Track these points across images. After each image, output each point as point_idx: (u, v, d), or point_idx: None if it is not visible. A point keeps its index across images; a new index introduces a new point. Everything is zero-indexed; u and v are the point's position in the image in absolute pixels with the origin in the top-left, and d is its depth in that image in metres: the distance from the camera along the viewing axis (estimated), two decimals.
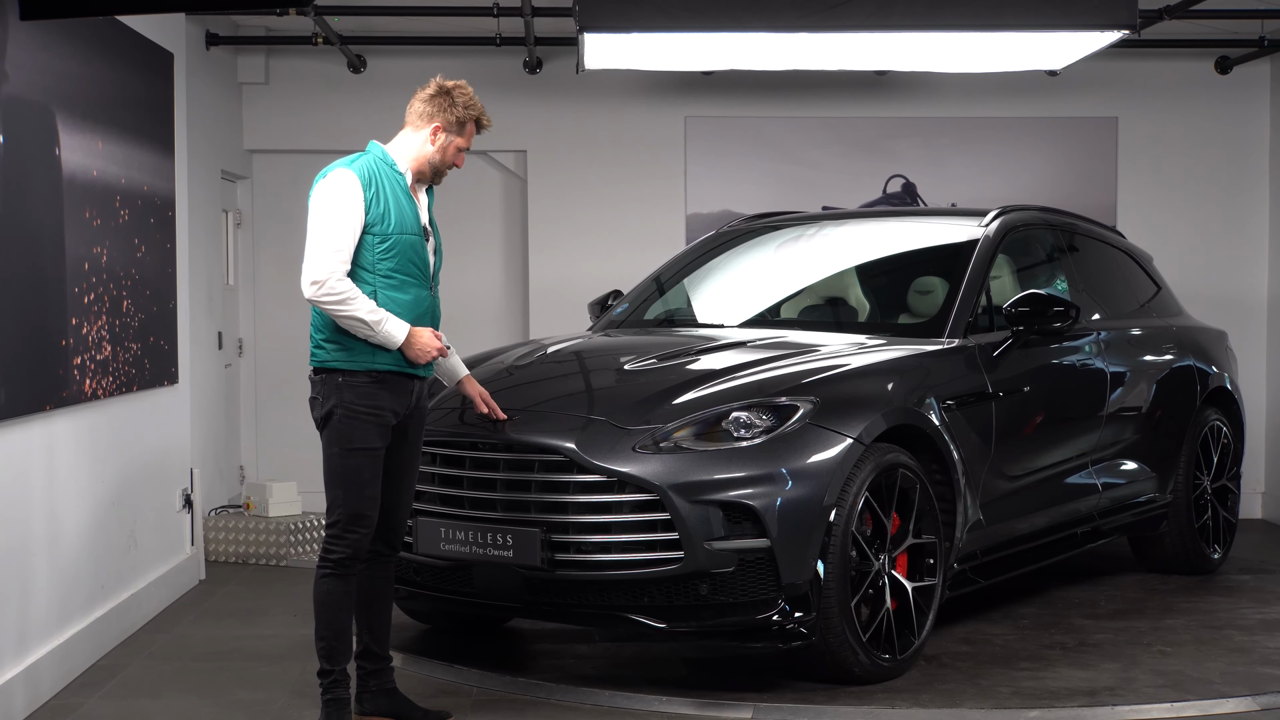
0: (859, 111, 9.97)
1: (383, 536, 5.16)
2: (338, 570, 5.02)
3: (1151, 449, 7.58)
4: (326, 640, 5.04)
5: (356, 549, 5.01)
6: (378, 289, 4.98)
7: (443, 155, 5.17)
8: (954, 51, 7.94)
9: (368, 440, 4.98)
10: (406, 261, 5.02)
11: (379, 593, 5.23)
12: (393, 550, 5.24)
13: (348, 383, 4.98)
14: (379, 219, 4.97)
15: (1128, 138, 10.05)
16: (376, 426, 4.99)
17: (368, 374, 4.97)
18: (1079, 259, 7.68)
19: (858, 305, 7.12)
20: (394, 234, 4.98)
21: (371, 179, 5.01)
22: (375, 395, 4.97)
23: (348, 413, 4.97)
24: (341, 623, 5.05)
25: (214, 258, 9.13)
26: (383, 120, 9.84)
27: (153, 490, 7.10)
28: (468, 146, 5.26)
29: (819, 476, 5.49)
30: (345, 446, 4.98)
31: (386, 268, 4.99)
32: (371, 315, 4.91)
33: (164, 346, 7.16)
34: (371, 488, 5.01)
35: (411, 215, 5.06)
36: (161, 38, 7.23)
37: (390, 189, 5.03)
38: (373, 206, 4.97)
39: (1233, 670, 5.99)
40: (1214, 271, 10.07)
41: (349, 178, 4.98)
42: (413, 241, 5.04)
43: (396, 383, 5.02)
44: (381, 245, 4.97)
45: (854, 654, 5.57)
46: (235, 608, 7.30)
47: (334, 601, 5.03)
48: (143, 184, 6.83)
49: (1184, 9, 8.33)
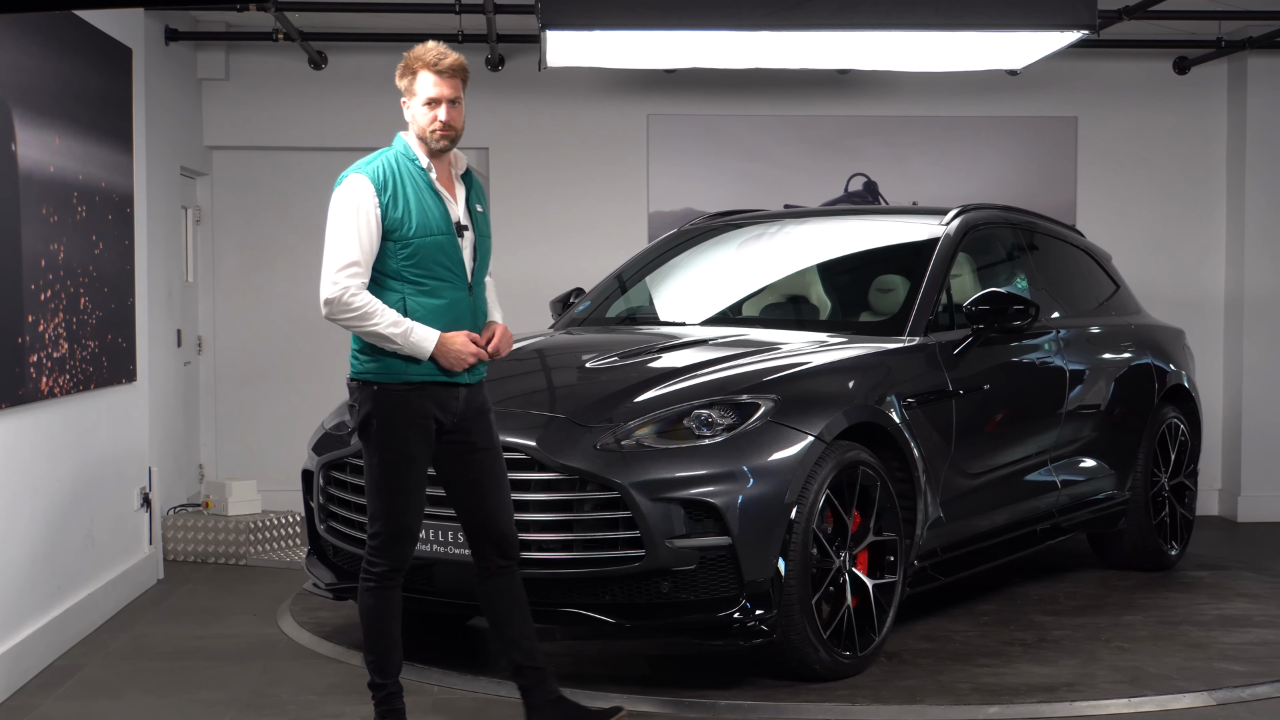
0: (821, 110, 10.00)
1: (493, 549, 4.89)
2: (381, 584, 4.78)
3: (1110, 446, 7.63)
4: (376, 654, 4.81)
5: (398, 562, 4.78)
6: (406, 296, 4.69)
7: (418, 124, 4.80)
8: (915, 51, 7.96)
9: (406, 451, 4.71)
10: (434, 264, 4.70)
11: (511, 606, 4.92)
12: (508, 560, 4.91)
13: (383, 392, 4.70)
14: (398, 223, 4.67)
15: (1087, 137, 10.11)
16: (416, 436, 4.71)
17: (404, 384, 4.69)
18: (1039, 257, 7.72)
19: (819, 303, 7.14)
20: (416, 237, 4.67)
21: (388, 180, 4.71)
22: (413, 405, 4.70)
23: (384, 423, 4.70)
24: (389, 636, 4.81)
25: (173, 255, 9.07)
26: (344, 117, 9.86)
27: (110, 489, 7.05)
28: (437, 97, 4.76)
29: (780, 474, 5.49)
30: (384, 458, 4.71)
31: (414, 274, 4.69)
32: (394, 328, 4.63)
33: (122, 344, 7.11)
34: (413, 499, 4.75)
35: (438, 213, 4.73)
36: (120, 33, 7.18)
37: (412, 186, 4.73)
38: (389, 210, 4.68)
39: (1190, 666, 6.04)
40: (1172, 270, 10.14)
41: (361, 183, 4.70)
42: (439, 242, 4.70)
43: (437, 391, 4.73)
44: (404, 251, 4.67)
45: (815, 651, 5.58)
46: (194, 607, 7.26)
47: (379, 615, 4.79)
48: (101, 180, 6.78)
49: (1143, 10, 8.38)
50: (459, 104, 4.81)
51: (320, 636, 6.52)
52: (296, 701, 5.56)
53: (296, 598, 7.28)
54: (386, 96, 9.80)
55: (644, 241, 9.51)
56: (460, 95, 4.82)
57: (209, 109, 9.78)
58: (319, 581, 6.28)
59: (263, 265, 9.95)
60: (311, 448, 6.35)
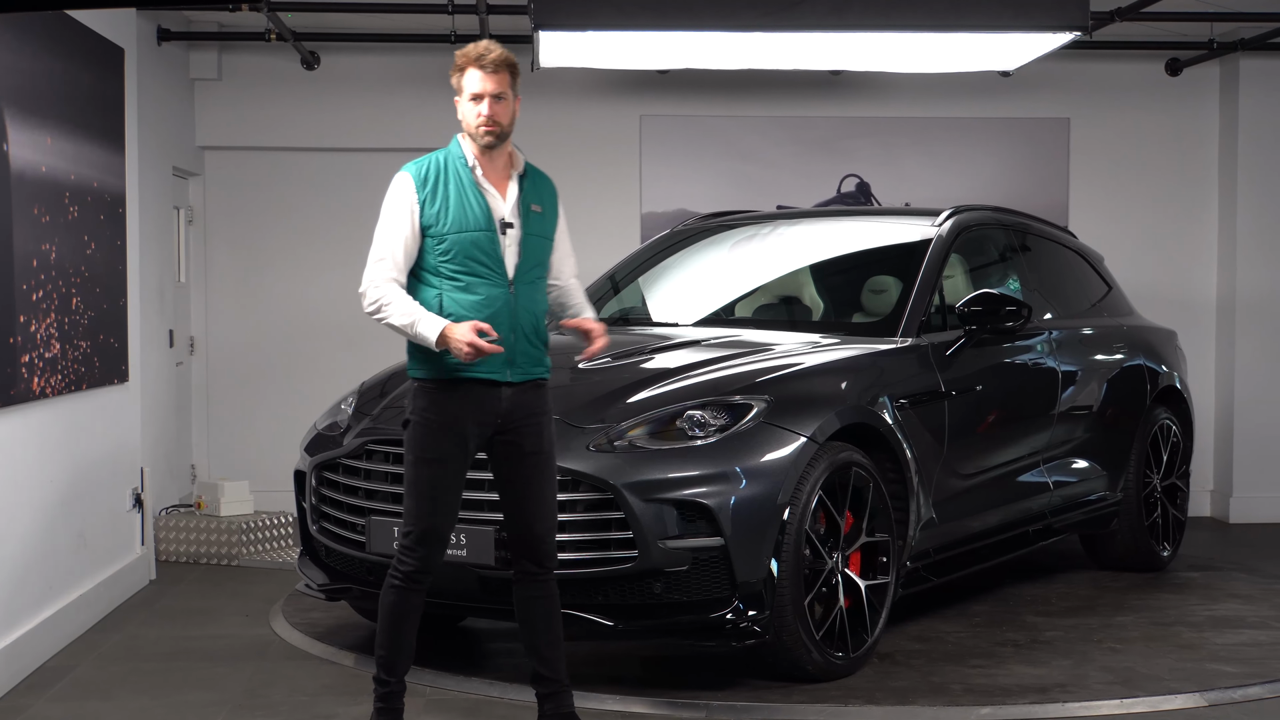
0: (814, 111, 10.00)
1: (526, 554, 4.85)
2: (405, 583, 4.79)
3: (1102, 447, 7.64)
4: (386, 651, 4.83)
5: (426, 563, 4.77)
6: (443, 292, 4.71)
7: (465, 120, 4.79)
8: (908, 52, 7.97)
9: (440, 450, 4.72)
10: (471, 261, 4.70)
11: (538, 612, 4.88)
12: (541, 568, 4.86)
13: (422, 389, 4.75)
14: (434, 219, 4.71)
15: (1079, 138, 10.12)
16: (450, 436, 4.71)
17: (436, 382, 4.72)
18: (1031, 259, 7.73)
19: (812, 304, 7.14)
20: (451, 233, 4.69)
21: (430, 177, 4.76)
22: (449, 404, 4.71)
23: (420, 420, 4.74)
24: (403, 636, 4.83)
25: (165, 255, 9.06)
26: (336, 117, 9.85)
27: (102, 489, 7.04)
28: (480, 92, 4.73)
29: (773, 475, 5.50)
30: (418, 456, 4.73)
31: (449, 269, 4.71)
32: (403, 319, 4.66)
33: (114, 344, 7.10)
34: (444, 501, 4.74)
35: (478, 210, 4.72)
36: (112, 33, 7.17)
37: (455, 183, 4.75)
38: (427, 206, 4.72)
39: (1182, 667, 6.04)
40: (1164, 271, 10.15)
41: (403, 180, 4.78)
42: (475, 238, 4.70)
43: (474, 390, 4.71)
44: (439, 246, 4.70)
45: (808, 652, 5.58)
46: (187, 608, 7.25)
47: (397, 614, 4.81)
48: (93, 180, 6.77)
49: (1135, 11, 8.39)
50: (505, 99, 4.78)
51: (312, 637, 6.51)
52: (289, 702, 5.55)
53: (289, 599, 7.27)
54: (379, 97, 9.86)
55: (637, 242, 9.50)
56: (506, 91, 4.79)
57: (201, 109, 9.76)
58: (311, 582, 6.27)
59: (255, 266, 9.94)
60: (304, 448, 6.35)
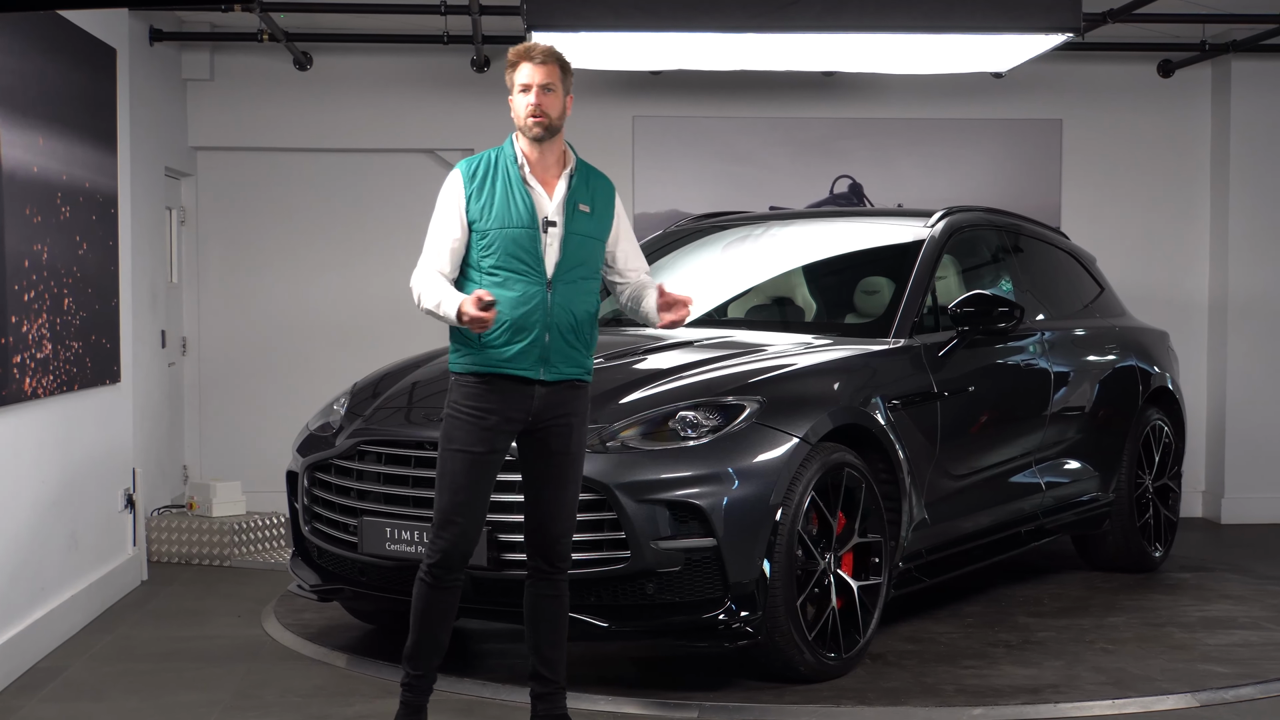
0: (807, 112, 10.00)
1: (541, 553, 4.88)
2: (429, 576, 4.80)
3: (1095, 448, 7.65)
4: (411, 644, 4.85)
5: (447, 556, 4.76)
6: (483, 287, 4.75)
7: (516, 113, 4.84)
8: (901, 53, 7.97)
9: (466, 442, 4.75)
10: (510, 257, 4.74)
11: (546, 612, 4.91)
12: (554, 568, 4.89)
13: (457, 382, 4.82)
14: (479, 214, 4.77)
15: (1072, 139, 10.13)
16: (478, 429, 4.75)
17: (473, 375, 4.78)
18: (1024, 260, 7.73)
19: (804, 305, 7.15)
20: (494, 229, 4.75)
21: (479, 172, 4.81)
22: (481, 397, 4.75)
23: (452, 412, 4.80)
24: (430, 631, 4.82)
25: (157, 255, 9.05)
26: (329, 118, 9.85)
27: (94, 490, 7.03)
28: (529, 83, 4.79)
29: (765, 476, 5.50)
30: (446, 446, 4.80)
31: (489, 264, 4.76)
32: (430, 301, 4.74)
33: (106, 345, 7.09)
34: (467, 493, 4.76)
35: (523, 207, 4.77)
36: (104, 33, 7.16)
37: (503, 180, 4.79)
38: (473, 201, 4.78)
39: (1173, 667, 6.05)
40: (1156, 272, 10.16)
41: (453, 176, 4.85)
42: (516, 235, 4.74)
43: (508, 386, 4.76)
44: (482, 241, 4.77)
45: (800, 653, 5.59)
46: (179, 608, 7.24)
47: (424, 608, 4.82)
48: (85, 180, 6.76)
49: (1127, 12, 8.41)
50: (553, 91, 4.81)
51: (304, 638, 6.50)
52: (281, 703, 5.55)
53: (281, 599, 7.27)
54: (372, 98, 9.86)
55: None
56: (555, 83, 4.81)
57: (194, 109, 9.76)
58: (303, 583, 6.27)
59: (247, 266, 9.93)
60: (296, 449, 6.34)
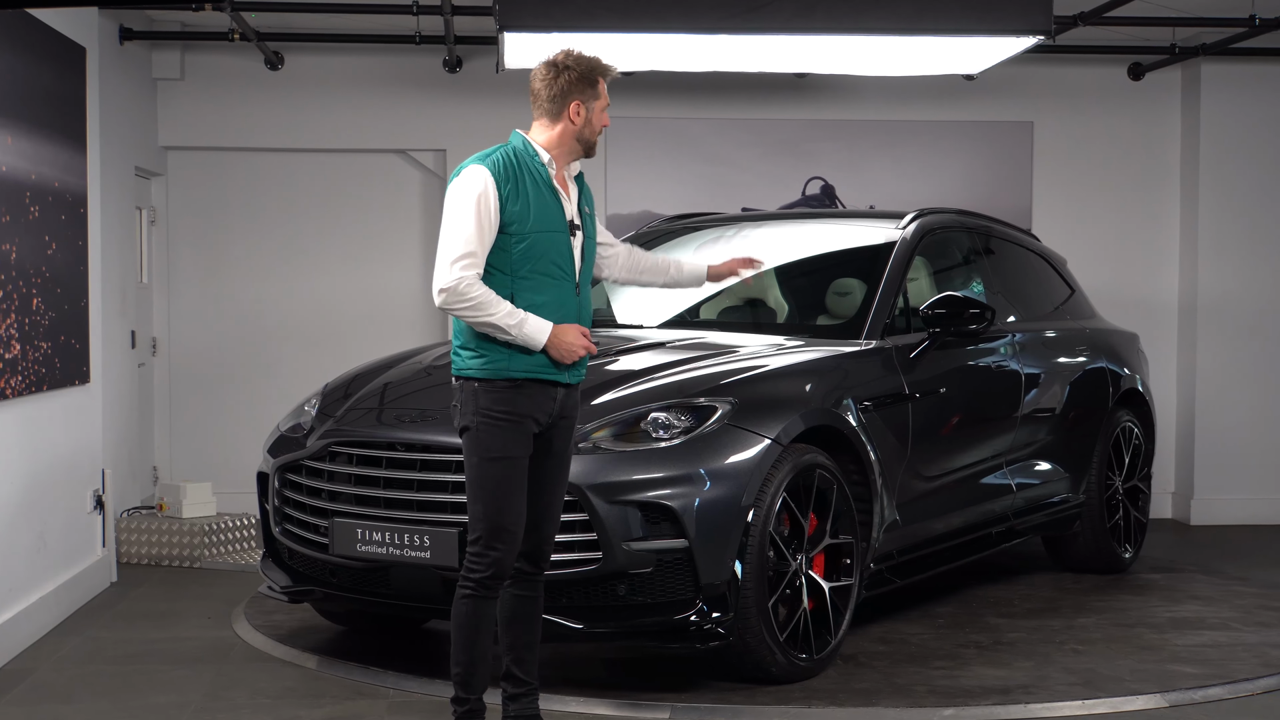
0: (779, 113, 10.02)
1: (526, 554, 4.81)
2: (478, 591, 4.68)
3: (1065, 450, 7.68)
4: (463, 666, 4.72)
5: (499, 567, 4.67)
6: (515, 291, 4.65)
7: (592, 127, 4.83)
8: (873, 55, 7.99)
9: (508, 449, 4.65)
10: (547, 261, 4.68)
11: (524, 613, 4.88)
12: (537, 569, 4.86)
13: (485, 389, 4.66)
14: (516, 217, 4.64)
15: (1043, 142, 10.17)
16: (517, 434, 4.66)
17: (506, 380, 4.66)
18: (995, 261, 7.76)
19: (776, 306, 7.15)
20: (533, 232, 4.65)
21: (510, 172, 4.69)
22: (514, 401, 4.66)
23: (485, 420, 4.65)
24: (479, 648, 4.71)
25: (128, 255, 9.01)
26: (300, 118, 9.82)
27: (63, 491, 6.99)
28: (608, 104, 4.87)
29: (737, 477, 5.50)
30: (485, 456, 4.65)
31: (526, 269, 4.65)
32: (509, 319, 4.58)
33: (75, 345, 7.05)
34: (514, 500, 4.67)
35: (555, 210, 4.72)
36: (74, 32, 7.12)
37: (532, 181, 4.70)
38: (509, 203, 4.64)
39: (1143, 668, 6.08)
40: (1126, 274, 10.21)
41: (482, 174, 4.66)
42: (554, 239, 4.69)
43: (537, 389, 4.69)
44: (520, 245, 4.64)
45: (771, 654, 5.59)
46: (148, 610, 7.21)
47: (472, 625, 4.69)
48: (54, 180, 6.73)
49: (1098, 15, 8.44)
50: None
51: (275, 639, 6.48)
52: (251, 705, 5.53)
53: (251, 601, 7.24)
54: (343, 98, 9.83)
55: None
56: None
57: (164, 109, 9.71)
58: (274, 584, 6.24)
59: (218, 266, 9.90)
60: (267, 450, 6.32)
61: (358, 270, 9.87)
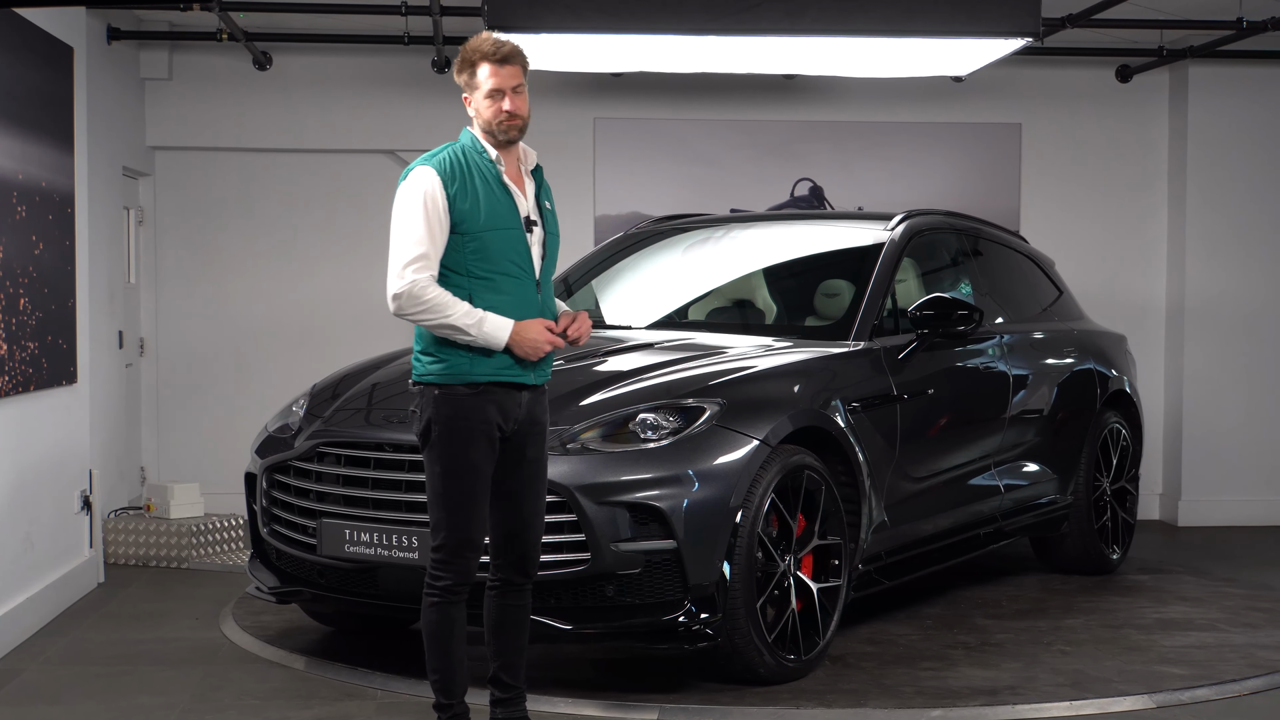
0: (768, 115, 10.02)
1: (514, 564, 4.76)
2: (445, 597, 4.63)
3: (1053, 451, 7.69)
4: (440, 673, 4.69)
5: (463, 576, 4.62)
6: (473, 292, 4.56)
7: (484, 117, 4.65)
8: (862, 56, 7.99)
9: (470, 458, 4.57)
10: (504, 260, 4.58)
11: (512, 620, 4.82)
12: (526, 578, 4.80)
13: (445, 396, 4.57)
14: (467, 215, 4.55)
15: (1031, 144, 10.19)
16: (480, 441, 4.57)
17: (467, 386, 4.56)
18: (983, 263, 7.77)
19: (765, 307, 7.16)
20: (485, 231, 4.55)
21: (456, 171, 4.59)
22: (476, 408, 4.56)
23: (445, 429, 4.56)
24: (454, 654, 4.67)
25: (115, 255, 8.99)
26: (288, 118, 9.80)
27: (50, 491, 6.97)
28: (499, 87, 4.60)
29: (725, 478, 5.50)
30: (446, 466, 4.57)
31: (482, 269, 4.56)
32: (467, 319, 4.49)
33: (62, 345, 7.03)
34: (477, 509, 4.61)
35: (506, 207, 4.61)
36: (61, 31, 7.10)
37: (481, 179, 4.60)
38: (458, 202, 4.55)
39: (1130, 669, 6.09)
40: (1114, 276, 10.23)
41: (427, 175, 4.57)
42: (508, 236, 4.59)
43: (500, 393, 4.59)
44: (472, 244, 4.55)
45: (760, 655, 5.59)
46: (136, 611, 7.19)
47: (444, 631, 4.65)
48: (41, 180, 6.71)
49: (1086, 18, 8.46)
50: (522, 91, 4.66)
51: (263, 640, 6.47)
52: (238, 706, 5.52)
53: (239, 601, 7.23)
54: (332, 98, 9.82)
55: (590, 245, 9.49)
56: (522, 82, 4.66)
57: (152, 109, 9.69)
58: (262, 585, 6.23)
59: (206, 266, 9.88)
60: (255, 450, 6.31)
61: (346, 271, 9.86)
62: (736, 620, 5.50)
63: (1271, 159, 10.06)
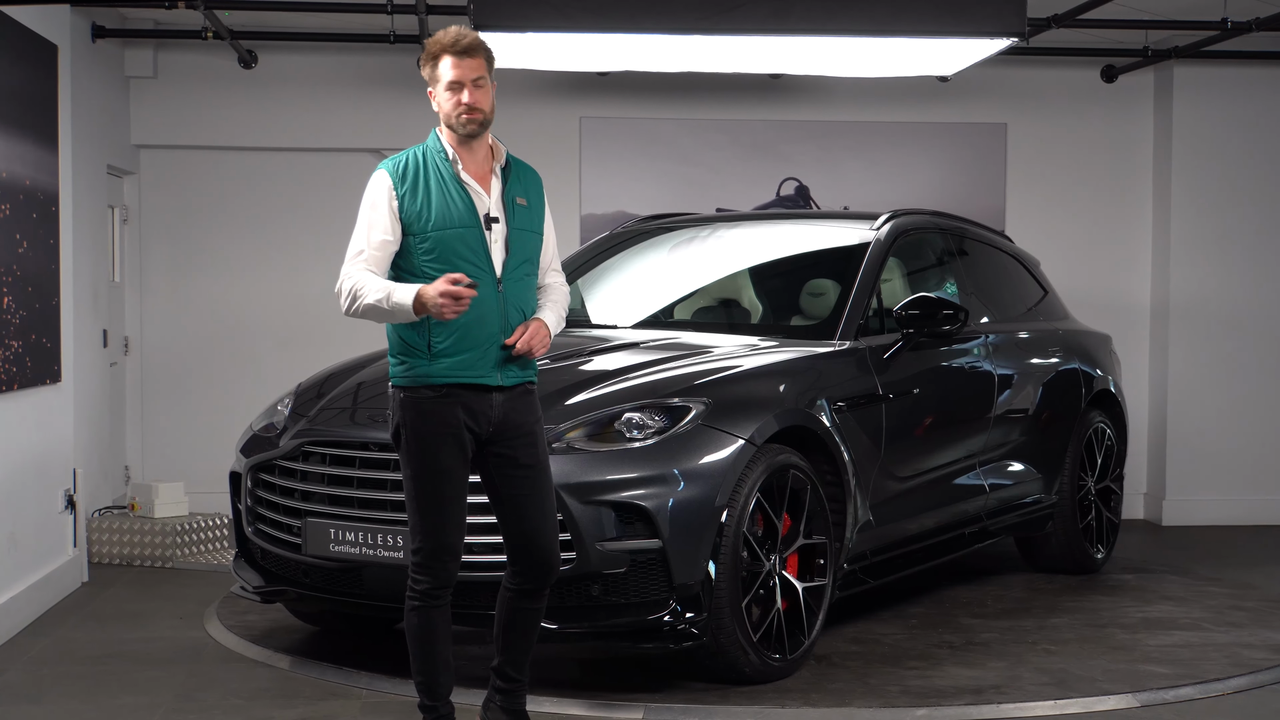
0: (753, 114, 10.03)
1: (534, 571, 4.72)
2: (425, 602, 4.62)
3: (1038, 450, 7.70)
4: (424, 675, 4.67)
5: (442, 579, 4.60)
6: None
7: (444, 110, 4.60)
8: (847, 56, 8.00)
9: (438, 462, 4.55)
10: (455, 258, 4.52)
11: (525, 621, 4.80)
12: (547, 583, 4.76)
13: (410, 399, 4.56)
14: (415, 216, 4.53)
15: (1016, 144, 10.21)
16: (448, 444, 4.55)
17: (430, 388, 4.54)
18: (969, 263, 7.78)
19: (751, 307, 7.16)
20: (434, 231, 4.52)
21: (408, 173, 4.57)
22: (441, 411, 4.54)
23: (413, 432, 4.56)
24: (437, 656, 4.66)
25: (99, 254, 8.96)
26: (273, 116, 9.79)
27: (34, 491, 6.95)
28: (458, 79, 4.55)
29: (711, 477, 5.50)
30: (416, 470, 4.57)
31: (435, 269, 4.51)
32: (377, 294, 4.44)
33: (46, 344, 7.01)
34: (452, 512, 4.58)
35: (461, 206, 4.56)
36: (45, 29, 7.08)
37: (436, 179, 4.57)
38: (407, 202, 4.54)
39: (1115, 668, 6.10)
40: (1099, 276, 10.25)
41: (378, 178, 4.58)
42: (460, 235, 4.54)
43: (467, 395, 4.55)
44: (423, 244, 4.53)
45: (745, 654, 5.59)
46: (120, 610, 7.17)
47: (427, 634, 4.64)
48: (25, 178, 6.69)
49: (1071, 18, 8.47)
50: (484, 84, 4.60)
51: (247, 640, 6.46)
52: (223, 705, 5.51)
53: (224, 601, 7.21)
54: (317, 97, 9.80)
55: (576, 244, 9.50)
56: (484, 75, 4.59)
57: (136, 107, 9.67)
58: (246, 584, 6.22)
59: (190, 265, 9.86)
60: (239, 449, 6.30)
61: (331, 270, 9.70)
62: (722, 620, 5.50)
63: (1256, 159, 10.09)
